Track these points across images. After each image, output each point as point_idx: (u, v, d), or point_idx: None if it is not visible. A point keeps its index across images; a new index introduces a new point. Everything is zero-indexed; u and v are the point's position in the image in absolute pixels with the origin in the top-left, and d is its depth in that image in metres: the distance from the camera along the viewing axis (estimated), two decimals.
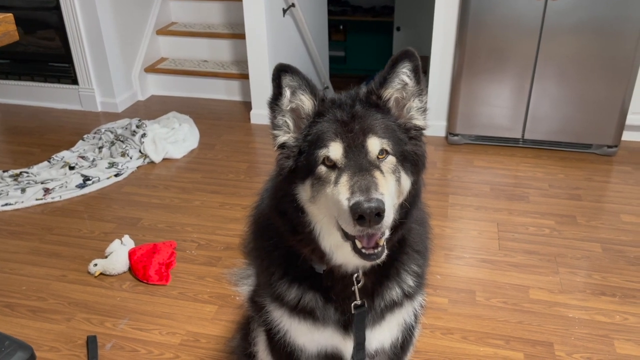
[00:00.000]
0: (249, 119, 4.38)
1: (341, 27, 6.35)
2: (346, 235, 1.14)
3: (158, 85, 4.97)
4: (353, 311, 1.32)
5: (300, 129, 1.23)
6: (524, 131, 3.71)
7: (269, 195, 1.36)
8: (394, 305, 1.39)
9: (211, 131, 4.18)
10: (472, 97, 3.69)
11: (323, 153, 1.14)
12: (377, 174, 1.11)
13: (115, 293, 2.50)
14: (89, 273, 2.61)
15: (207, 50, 5.02)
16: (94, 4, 4.19)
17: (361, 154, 1.13)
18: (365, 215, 1.03)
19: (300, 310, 1.36)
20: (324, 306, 1.35)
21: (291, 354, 1.50)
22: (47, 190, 3.31)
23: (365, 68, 6.17)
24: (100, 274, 2.60)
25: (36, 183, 3.40)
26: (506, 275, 2.56)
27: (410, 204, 1.23)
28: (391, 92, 1.23)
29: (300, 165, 1.19)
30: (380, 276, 1.35)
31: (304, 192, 1.19)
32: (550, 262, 2.64)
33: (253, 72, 4.21)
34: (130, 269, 2.62)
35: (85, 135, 4.03)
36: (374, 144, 1.15)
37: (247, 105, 4.57)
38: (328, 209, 1.15)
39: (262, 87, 4.20)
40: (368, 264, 1.23)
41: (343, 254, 1.23)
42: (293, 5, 4.22)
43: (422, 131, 1.26)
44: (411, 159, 1.22)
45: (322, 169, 1.15)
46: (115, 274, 2.60)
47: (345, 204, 1.06)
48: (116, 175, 3.50)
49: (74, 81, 4.58)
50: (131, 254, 2.62)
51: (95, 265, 2.60)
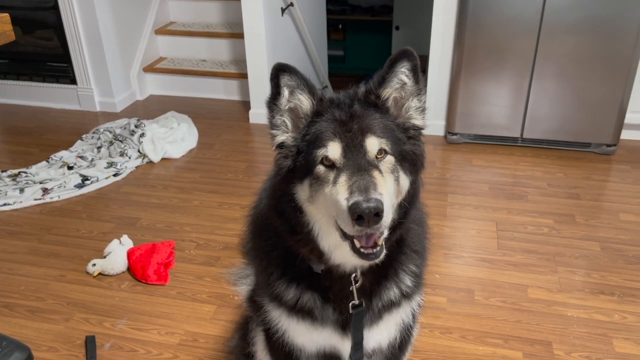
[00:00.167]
0: (248, 119, 4.38)
1: (340, 27, 6.34)
2: (345, 235, 1.14)
3: (157, 85, 4.96)
4: (351, 311, 1.32)
5: (298, 128, 1.22)
6: (523, 130, 3.71)
7: (268, 195, 1.35)
8: (391, 305, 1.39)
9: (210, 131, 4.18)
10: (471, 96, 3.69)
11: (321, 153, 1.14)
12: (376, 173, 1.11)
13: (114, 293, 2.50)
14: (88, 273, 2.61)
15: (206, 49, 5.02)
16: (92, 4, 4.18)
17: (360, 153, 1.13)
18: (364, 216, 1.03)
19: (298, 310, 1.36)
20: (322, 306, 1.34)
21: (289, 354, 1.50)
22: (46, 190, 3.31)
23: (364, 67, 6.16)
24: (99, 274, 2.60)
25: (35, 183, 3.40)
26: (505, 275, 2.56)
27: (408, 204, 1.23)
28: (390, 92, 1.22)
29: (298, 165, 1.19)
30: (379, 276, 1.35)
31: (302, 192, 1.19)
32: (549, 261, 2.64)
33: (252, 72, 4.20)
34: (129, 269, 2.62)
35: (83, 135, 4.03)
36: (373, 144, 1.14)
37: (246, 105, 4.57)
38: (326, 209, 1.14)
39: (261, 87, 4.20)
40: (367, 263, 1.23)
41: (341, 254, 1.23)
42: (292, 4, 4.22)
43: (421, 131, 1.26)
44: (410, 158, 1.21)
45: (321, 168, 1.14)
46: (114, 274, 2.59)
47: (344, 204, 1.06)
48: (115, 175, 3.50)
49: (73, 81, 4.57)
50: (130, 254, 2.62)
51: (94, 265, 2.60)
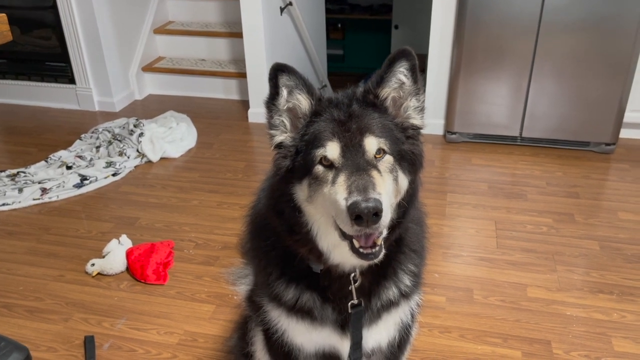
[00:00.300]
0: (247, 118, 4.37)
1: (339, 26, 6.34)
2: (344, 235, 1.14)
3: (155, 85, 4.96)
4: (350, 310, 1.32)
5: (297, 128, 1.22)
6: (522, 129, 3.71)
7: (266, 195, 1.35)
8: (390, 305, 1.39)
9: (209, 130, 4.17)
10: (470, 95, 3.68)
11: (320, 153, 1.14)
12: (375, 173, 1.11)
13: (113, 293, 2.50)
14: (87, 273, 2.61)
15: (205, 49, 5.01)
16: (90, 3, 4.17)
17: (358, 153, 1.13)
18: (362, 215, 1.03)
19: (297, 310, 1.36)
20: (322, 306, 1.34)
21: (289, 354, 1.50)
22: (45, 190, 3.31)
23: (363, 66, 6.16)
24: (98, 273, 2.60)
25: (33, 183, 3.39)
26: (504, 274, 2.56)
27: (407, 203, 1.23)
28: (388, 92, 1.22)
29: (297, 165, 1.19)
30: (377, 275, 1.35)
31: (301, 192, 1.19)
32: (548, 260, 2.64)
33: (251, 71, 4.20)
34: (128, 269, 2.62)
35: (82, 135, 4.02)
36: (371, 144, 1.14)
37: (245, 104, 4.57)
38: (325, 209, 1.14)
39: (260, 86, 4.19)
40: (366, 263, 1.23)
41: (340, 254, 1.23)
42: (290, 3, 4.21)
43: (420, 130, 1.26)
44: (408, 158, 1.21)
45: (319, 168, 1.14)
46: (113, 274, 2.59)
47: (343, 203, 1.06)
48: (114, 175, 3.49)
49: (71, 80, 4.57)
50: (129, 254, 2.62)
51: (93, 265, 2.60)
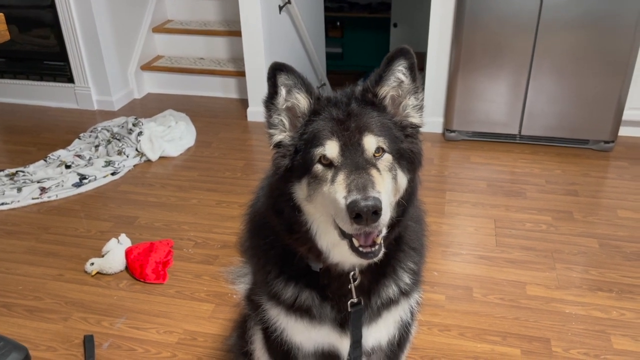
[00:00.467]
0: (246, 117, 4.37)
1: (338, 24, 6.33)
2: (343, 234, 1.14)
3: (154, 83, 4.95)
4: (349, 309, 1.32)
5: (296, 127, 1.22)
6: (521, 127, 3.71)
7: (265, 194, 1.35)
8: (390, 303, 1.39)
9: (208, 129, 4.17)
10: (469, 94, 3.68)
11: (319, 152, 1.14)
12: (374, 172, 1.11)
13: (112, 292, 2.50)
14: (86, 272, 2.60)
15: (203, 47, 5.00)
16: (89, 2, 4.16)
17: (357, 152, 1.13)
18: (362, 214, 1.03)
19: (296, 309, 1.36)
20: (321, 304, 1.34)
21: (288, 353, 1.50)
22: (44, 190, 3.30)
23: (362, 64, 6.16)
24: (97, 273, 2.60)
25: (32, 182, 3.39)
26: (503, 272, 2.56)
27: (406, 202, 1.23)
28: (387, 90, 1.22)
29: (296, 164, 1.19)
30: (377, 274, 1.35)
31: (300, 191, 1.19)
32: (547, 258, 2.64)
33: (249, 70, 4.20)
34: (127, 268, 2.62)
35: (81, 134, 4.02)
36: (370, 142, 1.14)
37: (244, 103, 4.56)
38: (325, 208, 1.14)
39: (259, 85, 4.19)
40: (365, 262, 1.23)
41: (340, 253, 1.23)
42: (289, 2, 4.21)
43: (419, 129, 1.26)
44: (407, 156, 1.21)
45: (319, 167, 1.14)
46: (112, 273, 2.59)
47: (342, 202, 1.06)
48: (113, 174, 3.49)
49: (70, 79, 4.56)
50: (128, 253, 2.62)
51: (92, 264, 2.60)
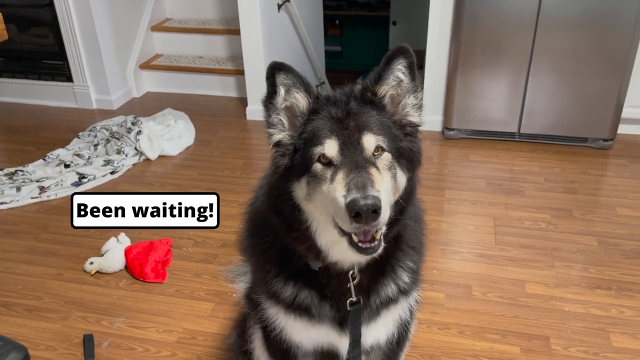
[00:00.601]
0: (245, 115, 4.37)
1: (337, 22, 6.33)
2: (343, 231, 1.14)
3: (153, 82, 4.95)
4: (349, 308, 1.32)
5: (295, 126, 1.22)
6: (520, 125, 3.70)
7: (265, 194, 1.35)
8: (389, 302, 1.40)
9: (207, 128, 4.17)
10: (468, 92, 3.68)
11: (318, 150, 1.14)
12: (373, 170, 1.11)
13: (112, 291, 2.50)
14: (85, 271, 2.60)
15: (202, 46, 5.00)
16: (87, 1, 4.15)
17: (357, 150, 1.13)
18: (361, 213, 1.03)
19: (295, 308, 1.36)
20: (320, 303, 1.35)
21: (287, 351, 1.50)
22: (43, 189, 3.30)
23: (361, 63, 6.15)
24: (97, 272, 2.60)
25: (31, 181, 3.39)
26: (502, 270, 2.57)
27: (405, 201, 1.23)
28: (386, 89, 1.22)
29: (295, 163, 1.19)
30: (376, 273, 1.35)
31: (299, 190, 1.19)
32: (546, 256, 2.65)
33: (248, 68, 4.19)
34: (127, 267, 2.62)
35: (80, 133, 4.01)
36: (370, 141, 1.14)
37: (243, 101, 4.56)
38: (324, 207, 1.14)
39: (258, 83, 4.18)
40: (364, 259, 1.23)
41: (339, 251, 1.23)
42: (288, 0, 4.20)
43: (418, 128, 1.26)
44: (407, 155, 1.21)
45: (318, 166, 1.14)
46: (112, 272, 2.59)
47: (342, 201, 1.06)
48: (112, 173, 3.49)
49: (69, 78, 4.55)
50: (127, 252, 2.62)
51: (92, 263, 2.60)
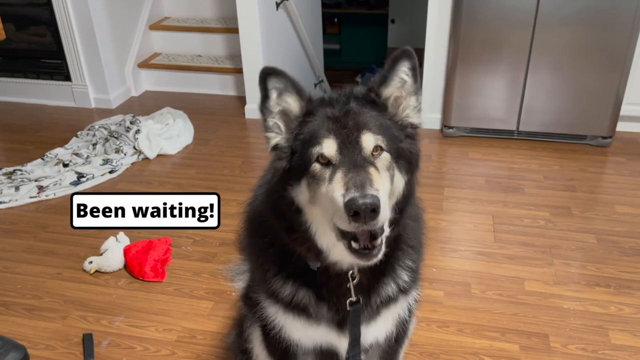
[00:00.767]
0: (244, 114, 4.36)
1: (335, 20, 6.32)
2: (342, 234, 1.14)
3: (152, 81, 4.94)
4: (348, 308, 1.32)
5: (291, 129, 1.23)
6: (519, 123, 3.70)
7: (265, 194, 1.35)
8: (389, 301, 1.39)
9: (206, 126, 4.16)
10: (467, 90, 3.68)
11: (317, 150, 1.14)
12: (372, 170, 1.10)
13: (111, 290, 2.50)
14: (84, 271, 2.60)
15: (201, 44, 4.99)
16: (85, 0, 4.15)
17: (355, 150, 1.13)
18: (360, 212, 1.03)
19: (294, 307, 1.36)
20: (317, 304, 1.34)
21: (286, 350, 1.50)
22: (41, 188, 3.30)
23: (360, 61, 6.15)
24: (96, 271, 2.60)
25: (30, 181, 3.38)
26: (501, 268, 2.57)
27: (404, 202, 1.23)
28: (391, 91, 1.23)
29: (294, 165, 1.19)
30: (376, 272, 1.34)
31: (299, 192, 1.19)
32: (545, 254, 2.65)
33: (247, 67, 4.19)
34: (126, 266, 2.62)
35: (79, 132, 4.01)
36: (369, 140, 1.14)
37: (242, 100, 4.55)
38: (324, 207, 1.14)
39: (256, 82, 4.15)
40: (364, 264, 1.21)
41: (339, 252, 1.23)
42: None
43: (417, 129, 1.27)
44: (406, 156, 1.21)
45: (317, 166, 1.14)
46: (111, 272, 2.59)
47: (340, 200, 1.06)
48: (110, 172, 3.49)
49: (67, 78, 4.55)
50: (126, 251, 2.61)
51: (91, 262, 2.60)
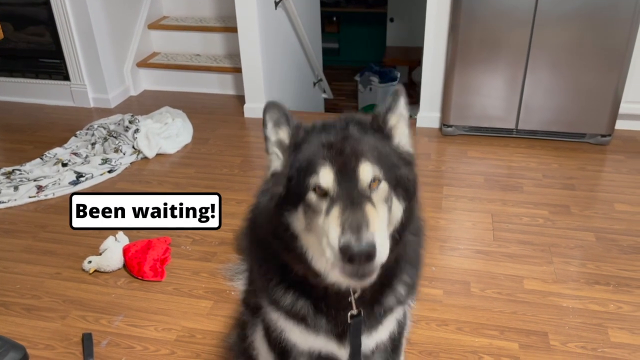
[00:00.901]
0: (243, 113, 4.36)
1: (334, 19, 6.33)
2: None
3: (150, 80, 4.94)
4: (349, 321, 1.32)
5: (286, 157, 1.25)
6: (518, 121, 3.70)
7: (264, 215, 1.32)
8: (390, 310, 1.40)
9: (205, 126, 4.16)
10: (466, 88, 3.68)
11: (313, 181, 1.12)
12: (369, 208, 1.08)
13: (110, 290, 2.50)
14: (84, 270, 2.60)
15: (200, 44, 4.99)
16: None
17: (352, 182, 1.11)
18: (355, 258, 1.03)
19: (294, 315, 1.37)
20: (315, 315, 1.35)
21: (287, 350, 1.51)
22: (40, 188, 3.30)
23: (358, 60, 6.15)
24: (95, 271, 2.60)
25: (29, 180, 3.38)
26: (500, 266, 2.57)
27: (403, 229, 1.23)
28: (397, 118, 1.26)
29: (290, 192, 1.19)
30: (377, 284, 1.33)
31: (295, 219, 1.18)
32: (544, 252, 2.65)
33: (246, 66, 4.18)
34: (125, 266, 2.62)
35: (77, 132, 4.00)
36: (366, 171, 1.12)
37: (241, 99, 4.55)
38: (319, 236, 1.13)
39: (255, 81, 4.18)
40: (358, 286, 1.24)
41: (335, 275, 1.21)
42: None
43: (413, 156, 1.29)
44: (403, 184, 1.21)
45: (313, 197, 1.13)
46: (110, 271, 2.59)
47: (335, 243, 1.04)
48: (109, 172, 3.48)
49: (66, 77, 4.54)
50: (125, 251, 2.61)
51: (90, 262, 2.59)
